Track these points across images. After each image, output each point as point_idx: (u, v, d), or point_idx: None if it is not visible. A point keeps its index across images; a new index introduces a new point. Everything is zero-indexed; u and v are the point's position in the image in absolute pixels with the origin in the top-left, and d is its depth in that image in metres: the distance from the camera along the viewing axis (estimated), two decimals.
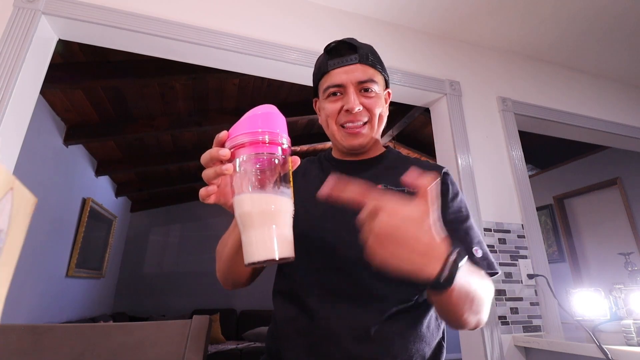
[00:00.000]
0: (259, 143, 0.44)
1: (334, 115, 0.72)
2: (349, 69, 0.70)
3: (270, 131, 0.44)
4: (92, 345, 0.50)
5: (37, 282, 2.66)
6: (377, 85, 0.71)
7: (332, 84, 0.70)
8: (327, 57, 0.72)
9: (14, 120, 1.15)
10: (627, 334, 1.14)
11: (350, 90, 0.69)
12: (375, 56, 0.74)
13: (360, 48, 0.71)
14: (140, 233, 4.97)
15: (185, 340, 0.50)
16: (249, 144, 0.44)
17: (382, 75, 0.74)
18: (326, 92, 0.72)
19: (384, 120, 0.75)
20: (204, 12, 1.48)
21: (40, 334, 0.50)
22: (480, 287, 0.54)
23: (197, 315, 0.51)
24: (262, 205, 0.43)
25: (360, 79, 0.69)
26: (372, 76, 0.70)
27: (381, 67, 0.74)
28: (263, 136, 0.44)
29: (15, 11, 1.21)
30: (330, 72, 0.71)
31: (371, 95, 0.70)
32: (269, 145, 0.44)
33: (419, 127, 3.68)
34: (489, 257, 0.66)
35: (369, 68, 0.70)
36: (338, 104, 0.71)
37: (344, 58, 0.70)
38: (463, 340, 1.53)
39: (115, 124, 2.81)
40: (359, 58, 0.70)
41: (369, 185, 0.45)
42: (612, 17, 1.85)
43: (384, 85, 0.76)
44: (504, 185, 1.75)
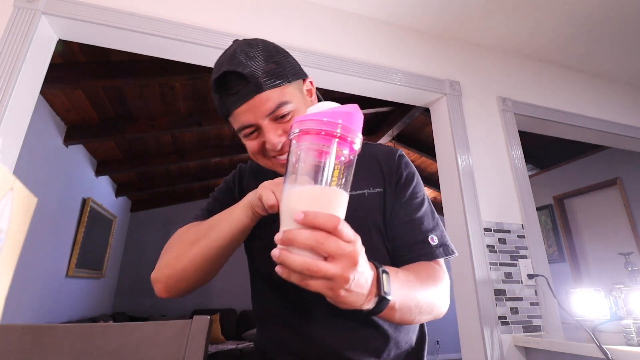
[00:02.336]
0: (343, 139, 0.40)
1: (260, 152, 0.64)
2: (250, 105, 0.59)
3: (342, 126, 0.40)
4: (92, 345, 0.50)
5: (37, 282, 2.66)
6: (289, 103, 0.60)
7: (242, 126, 0.62)
8: (220, 97, 0.62)
9: (14, 120, 1.15)
10: (627, 334, 1.14)
11: (264, 127, 0.60)
12: (272, 66, 0.60)
13: (251, 75, 0.58)
14: (140, 233, 4.97)
15: (186, 340, 0.50)
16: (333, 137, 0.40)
17: (290, 83, 0.62)
18: (241, 133, 0.64)
19: None
20: (204, 12, 1.48)
21: (41, 334, 0.50)
22: (424, 291, 0.55)
23: (197, 316, 0.51)
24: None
25: (268, 110, 0.59)
26: (279, 98, 0.59)
27: (284, 76, 0.61)
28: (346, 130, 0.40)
29: (15, 11, 1.21)
30: (233, 114, 0.61)
31: (288, 119, 0.61)
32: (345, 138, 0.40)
33: (419, 127, 3.68)
34: (445, 241, 0.66)
35: (272, 91, 0.59)
36: (259, 141, 0.63)
37: (239, 95, 0.59)
38: (463, 340, 1.53)
39: (115, 124, 2.81)
40: (255, 88, 0.58)
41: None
42: (612, 17, 1.85)
43: (298, 87, 0.65)
44: (504, 185, 1.75)
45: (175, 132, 3.01)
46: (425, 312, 0.56)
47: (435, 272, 0.61)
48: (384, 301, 0.45)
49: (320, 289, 0.39)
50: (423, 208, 0.68)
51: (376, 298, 0.45)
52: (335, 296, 0.40)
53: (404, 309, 0.50)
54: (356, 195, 0.65)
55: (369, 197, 0.66)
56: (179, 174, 4.29)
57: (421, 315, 0.55)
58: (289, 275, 0.39)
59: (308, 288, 0.39)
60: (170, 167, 3.98)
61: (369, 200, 0.66)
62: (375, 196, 0.67)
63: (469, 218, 1.58)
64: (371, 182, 0.68)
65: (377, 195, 0.67)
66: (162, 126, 2.83)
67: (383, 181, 0.68)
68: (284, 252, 0.38)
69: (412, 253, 0.64)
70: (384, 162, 0.71)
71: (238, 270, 5.37)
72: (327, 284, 0.38)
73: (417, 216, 0.66)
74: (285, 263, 0.37)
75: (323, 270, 0.37)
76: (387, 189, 0.68)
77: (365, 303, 0.43)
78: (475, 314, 1.47)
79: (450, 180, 1.71)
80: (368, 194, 0.66)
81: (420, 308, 0.54)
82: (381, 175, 0.69)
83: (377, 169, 0.70)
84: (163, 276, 0.63)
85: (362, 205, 0.64)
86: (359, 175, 0.61)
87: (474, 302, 1.49)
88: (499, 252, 1.60)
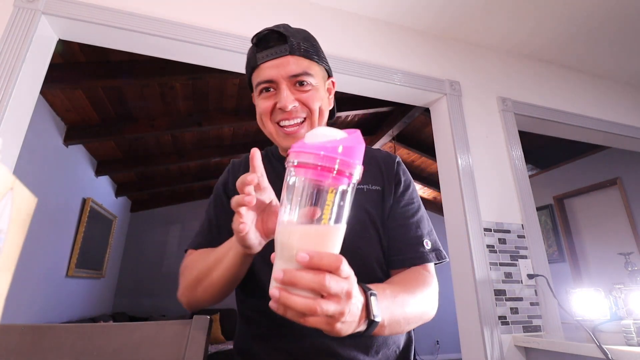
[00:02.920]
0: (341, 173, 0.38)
1: (268, 114, 0.65)
2: (279, 62, 0.62)
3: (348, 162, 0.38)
4: (92, 345, 0.50)
5: (37, 282, 2.66)
6: (312, 77, 0.64)
7: (262, 80, 0.64)
8: (256, 50, 0.65)
9: (14, 120, 1.15)
10: (627, 334, 1.14)
11: (283, 86, 0.63)
12: (311, 44, 0.66)
13: (292, 37, 0.63)
14: (140, 233, 4.97)
15: (186, 340, 0.50)
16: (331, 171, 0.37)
17: (319, 65, 0.67)
18: (258, 88, 0.65)
19: (326, 114, 0.69)
20: (204, 12, 1.48)
21: (41, 334, 0.50)
22: (412, 303, 0.56)
23: (197, 316, 0.51)
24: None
25: (292, 72, 0.62)
26: (306, 68, 0.63)
27: (318, 56, 0.67)
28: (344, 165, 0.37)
29: (15, 11, 1.21)
30: (260, 67, 0.64)
31: (307, 89, 0.64)
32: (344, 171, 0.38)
33: (419, 127, 3.68)
34: (438, 246, 0.68)
35: (303, 59, 0.63)
36: (271, 101, 0.64)
37: (273, 50, 0.62)
38: (463, 340, 1.53)
39: (115, 124, 2.81)
40: (290, 49, 0.62)
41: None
42: (612, 17, 1.85)
43: (323, 75, 0.69)
44: (504, 185, 1.75)
45: (175, 132, 3.01)
46: (413, 322, 0.57)
47: (424, 279, 0.63)
48: (374, 324, 0.46)
49: (319, 325, 0.39)
50: (419, 214, 0.70)
51: (366, 321, 0.45)
52: (331, 329, 0.40)
53: (392, 325, 0.52)
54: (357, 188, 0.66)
55: (367, 192, 0.68)
56: (179, 174, 4.30)
57: (409, 326, 0.57)
58: (285, 312, 0.38)
59: (305, 324, 0.38)
60: (170, 167, 3.98)
61: (367, 195, 0.68)
62: (373, 193, 0.68)
63: (469, 218, 1.58)
64: (370, 180, 0.69)
65: (375, 192, 0.69)
66: (162, 126, 2.83)
67: (382, 181, 0.70)
68: (285, 293, 0.37)
69: (405, 255, 0.65)
70: (384, 164, 0.73)
71: None
72: (325, 319, 0.38)
73: (413, 220, 0.68)
74: (287, 304, 0.37)
75: (324, 310, 0.37)
76: (385, 188, 0.70)
77: (357, 328, 0.44)
78: (475, 314, 1.47)
79: (450, 180, 1.71)
80: (367, 190, 0.68)
81: (408, 320, 0.55)
82: (380, 176, 0.71)
83: (376, 169, 0.72)
84: (183, 301, 0.65)
85: (360, 200, 0.66)
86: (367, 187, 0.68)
87: (474, 302, 1.49)
88: (499, 252, 1.60)
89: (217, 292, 0.60)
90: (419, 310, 0.58)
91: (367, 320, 0.45)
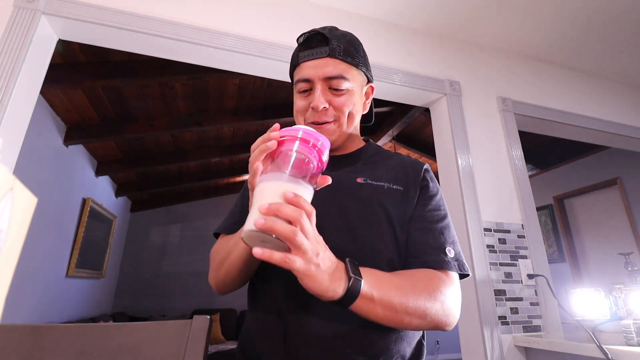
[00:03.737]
0: (308, 142, 0.51)
1: (303, 112, 0.69)
2: (318, 63, 0.66)
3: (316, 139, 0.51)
4: (92, 345, 0.50)
5: (37, 282, 2.66)
6: (348, 82, 0.67)
7: (300, 78, 0.68)
8: (299, 49, 0.69)
9: (14, 120, 1.15)
10: (627, 334, 1.14)
11: (318, 87, 0.66)
12: (352, 48, 0.69)
13: (333, 40, 0.66)
14: (140, 233, 4.97)
15: (186, 340, 0.50)
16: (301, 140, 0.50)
17: (358, 69, 0.70)
18: (296, 86, 0.69)
19: (357, 117, 0.73)
20: (204, 12, 1.48)
21: (41, 334, 0.50)
22: (411, 292, 0.56)
23: (197, 315, 0.51)
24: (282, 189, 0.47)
25: (328, 74, 0.65)
26: (342, 72, 0.66)
27: (356, 61, 0.69)
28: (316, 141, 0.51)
29: (15, 11, 1.21)
30: (301, 65, 0.68)
31: (341, 93, 0.67)
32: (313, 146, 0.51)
33: (419, 127, 3.68)
34: (461, 258, 0.66)
35: (340, 63, 0.66)
36: (306, 101, 0.68)
37: (314, 50, 0.66)
38: (463, 340, 1.53)
39: (115, 124, 2.81)
40: (330, 51, 0.65)
41: None
42: (612, 17, 1.85)
43: (361, 80, 0.72)
44: (504, 185, 1.75)
45: (175, 132, 3.01)
46: (414, 314, 0.55)
47: (438, 280, 0.60)
48: (356, 283, 0.50)
49: (297, 265, 0.45)
50: (445, 222, 0.68)
51: (347, 281, 0.51)
52: (307, 270, 0.46)
53: (385, 303, 0.53)
54: (375, 185, 0.68)
55: (387, 190, 0.68)
56: (179, 174, 4.30)
57: (411, 318, 0.55)
58: (271, 256, 0.44)
59: (289, 265, 0.45)
60: (170, 167, 3.98)
61: (386, 193, 0.67)
62: (394, 192, 0.68)
63: (469, 218, 1.59)
64: (392, 180, 0.69)
65: (397, 192, 0.68)
66: (162, 126, 2.84)
67: (406, 182, 0.69)
68: (270, 220, 0.43)
69: (423, 258, 0.63)
70: (410, 168, 0.72)
71: None
72: (302, 258, 0.46)
73: (437, 226, 0.66)
74: (273, 228, 0.43)
75: (300, 240, 0.44)
76: (409, 190, 0.68)
77: (336, 285, 0.50)
78: (475, 314, 1.47)
79: (450, 180, 1.71)
80: (387, 188, 0.68)
81: (406, 308, 0.55)
82: (405, 177, 0.70)
83: (401, 171, 0.71)
84: (212, 284, 0.71)
85: (378, 195, 0.66)
86: (382, 171, 0.70)
87: (474, 302, 1.49)
88: (499, 252, 1.60)
89: (235, 275, 0.65)
90: (421, 304, 0.56)
91: (347, 282, 0.50)
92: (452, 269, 0.62)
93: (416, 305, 0.56)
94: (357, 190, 0.67)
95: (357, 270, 0.52)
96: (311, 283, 0.48)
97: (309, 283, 0.48)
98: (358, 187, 0.67)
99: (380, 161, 0.74)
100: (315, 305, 0.60)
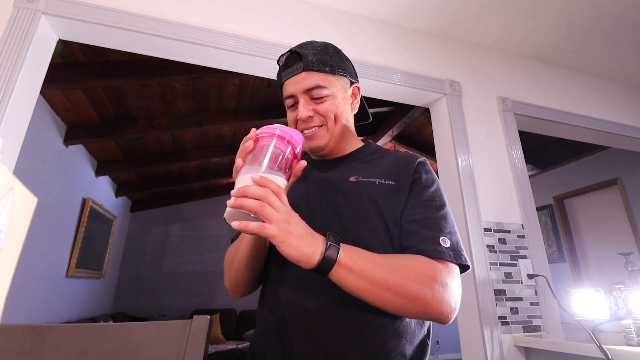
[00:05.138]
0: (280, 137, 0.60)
1: (293, 124, 0.75)
2: (296, 79, 0.72)
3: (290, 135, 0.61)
4: (92, 345, 0.50)
5: (37, 282, 2.66)
6: (326, 89, 0.72)
7: (286, 95, 0.75)
8: (280, 70, 0.76)
9: (14, 120, 1.15)
10: (627, 334, 1.14)
11: (301, 100, 0.72)
12: (326, 57, 0.73)
13: (307, 54, 0.72)
14: (140, 233, 4.97)
15: (186, 340, 0.50)
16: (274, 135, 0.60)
17: (335, 75, 0.74)
18: (285, 102, 0.76)
19: (344, 119, 0.76)
20: (204, 12, 1.48)
21: (41, 334, 0.50)
22: (394, 270, 0.57)
23: (197, 315, 0.51)
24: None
25: (307, 87, 0.71)
26: (319, 81, 0.71)
27: (332, 68, 0.73)
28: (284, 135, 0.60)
29: (15, 11, 1.21)
30: (284, 84, 0.75)
31: (322, 101, 0.72)
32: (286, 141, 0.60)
33: (419, 127, 3.68)
34: (458, 248, 0.64)
35: (314, 74, 0.72)
36: (295, 114, 0.74)
37: (291, 69, 0.73)
38: (463, 340, 1.53)
39: (115, 124, 2.81)
40: (304, 66, 0.71)
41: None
42: (612, 17, 1.85)
43: (342, 83, 0.76)
44: (504, 185, 1.75)
45: (175, 132, 3.01)
46: (397, 292, 0.55)
47: (431, 266, 0.59)
48: (332, 249, 0.54)
49: (271, 231, 0.52)
50: (442, 212, 0.67)
51: (324, 247, 0.55)
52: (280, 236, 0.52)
53: (363, 274, 0.55)
54: (367, 181, 0.71)
55: (378, 185, 0.69)
56: (179, 174, 4.29)
57: (391, 295, 0.55)
58: (247, 225, 0.52)
59: (263, 231, 0.52)
60: (170, 167, 3.98)
61: (378, 188, 0.69)
62: (386, 186, 0.69)
63: (469, 218, 1.59)
64: (384, 175, 0.71)
65: (388, 186, 0.69)
66: (162, 126, 2.83)
67: (398, 177, 0.70)
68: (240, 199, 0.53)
69: (417, 247, 0.62)
70: (403, 163, 0.73)
71: None
72: (275, 226, 0.52)
73: (433, 216, 0.65)
74: (242, 205, 0.52)
75: (268, 212, 0.52)
76: (401, 185, 0.69)
77: (312, 250, 0.54)
78: (475, 314, 1.47)
79: (450, 180, 1.71)
80: (378, 183, 0.70)
81: (386, 283, 0.55)
82: (397, 172, 0.71)
83: (393, 167, 0.73)
84: (227, 285, 0.75)
85: (369, 191, 0.69)
86: (376, 168, 0.73)
87: (474, 302, 1.49)
88: (499, 252, 1.60)
89: (245, 269, 0.69)
90: (409, 285, 0.55)
91: (324, 248, 0.54)
92: (446, 258, 0.61)
93: (398, 282, 0.55)
94: (348, 188, 0.70)
95: (337, 240, 0.56)
96: (288, 249, 0.53)
97: (285, 249, 0.53)
98: (350, 185, 0.70)
99: (376, 159, 0.76)
100: (313, 303, 0.62)
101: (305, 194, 0.73)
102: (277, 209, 0.53)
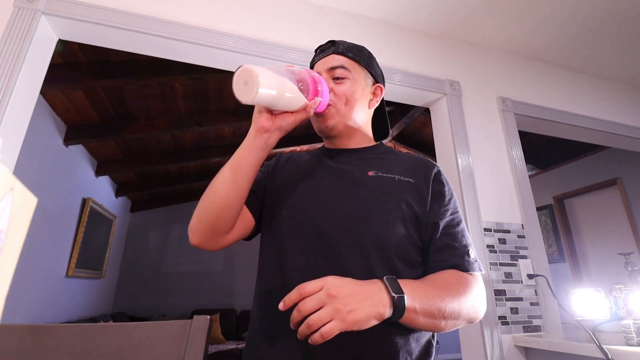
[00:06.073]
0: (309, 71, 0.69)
1: None
2: (324, 60, 0.79)
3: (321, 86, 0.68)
4: (92, 345, 0.50)
5: (37, 282, 2.66)
6: (349, 72, 0.77)
7: None
8: (315, 54, 0.83)
9: (14, 120, 1.15)
10: (627, 334, 1.14)
11: (323, 76, 0.77)
12: (356, 49, 0.80)
13: (338, 43, 0.80)
14: (140, 233, 4.97)
15: (186, 340, 0.50)
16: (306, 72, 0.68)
17: (360, 65, 0.79)
18: None
19: (358, 105, 0.78)
20: (204, 12, 1.48)
21: (41, 334, 0.50)
22: (446, 297, 0.60)
23: (197, 315, 0.51)
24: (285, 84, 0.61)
25: (330, 65, 0.77)
26: (342, 62, 0.77)
27: (360, 59, 0.79)
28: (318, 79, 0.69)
29: (15, 11, 1.21)
30: (314, 65, 0.82)
31: (341, 82, 0.76)
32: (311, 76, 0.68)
33: (419, 127, 3.68)
34: (477, 258, 0.72)
35: (342, 56, 0.78)
36: None
37: (323, 53, 0.80)
38: (463, 340, 1.53)
39: (115, 124, 2.81)
40: (334, 50, 0.79)
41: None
42: (612, 17, 1.85)
43: (364, 75, 0.80)
44: (504, 185, 1.75)
45: (175, 132, 3.01)
46: (450, 317, 0.59)
47: (466, 281, 0.65)
48: (400, 300, 0.53)
49: (334, 327, 0.49)
50: (463, 223, 0.73)
51: (391, 302, 0.53)
52: (343, 322, 0.49)
53: (426, 312, 0.56)
54: (387, 177, 0.73)
55: (398, 181, 0.72)
56: (179, 174, 4.29)
57: (447, 322, 0.59)
58: (309, 336, 0.49)
59: (330, 334, 0.49)
60: (170, 167, 3.97)
61: (398, 184, 0.72)
62: (405, 183, 0.72)
63: (469, 218, 1.59)
64: (403, 172, 0.73)
65: (407, 183, 0.72)
66: (162, 126, 2.83)
67: (416, 176, 0.73)
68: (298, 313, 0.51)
69: (451, 261, 0.67)
70: (420, 164, 0.76)
71: (238, 271, 5.34)
72: (335, 321, 0.49)
73: (459, 229, 0.71)
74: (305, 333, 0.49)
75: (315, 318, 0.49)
76: (420, 185, 0.72)
77: (380, 308, 0.52)
78: None
79: (450, 181, 1.69)
80: (398, 179, 0.72)
81: (443, 313, 0.58)
82: (414, 172, 0.74)
83: (410, 166, 0.75)
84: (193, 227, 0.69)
85: (389, 185, 0.71)
86: (391, 165, 0.75)
87: None
88: (499, 252, 1.60)
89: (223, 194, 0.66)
90: (458, 307, 0.60)
91: (391, 301, 0.53)
92: (476, 269, 0.68)
93: (452, 309, 0.59)
94: (368, 181, 0.72)
95: (397, 286, 0.55)
96: (360, 324, 0.51)
97: (361, 326, 0.51)
98: (369, 179, 0.72)
99: (392, 158, 0.79)
100: None
101: (320, 183, 0.74)
102: (317, 302, 0.50)
